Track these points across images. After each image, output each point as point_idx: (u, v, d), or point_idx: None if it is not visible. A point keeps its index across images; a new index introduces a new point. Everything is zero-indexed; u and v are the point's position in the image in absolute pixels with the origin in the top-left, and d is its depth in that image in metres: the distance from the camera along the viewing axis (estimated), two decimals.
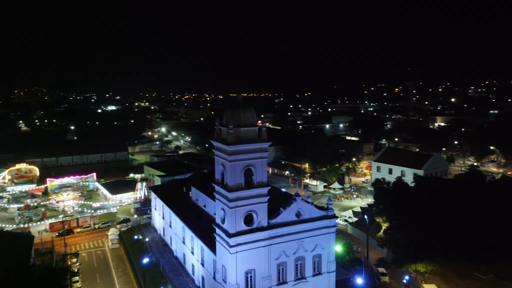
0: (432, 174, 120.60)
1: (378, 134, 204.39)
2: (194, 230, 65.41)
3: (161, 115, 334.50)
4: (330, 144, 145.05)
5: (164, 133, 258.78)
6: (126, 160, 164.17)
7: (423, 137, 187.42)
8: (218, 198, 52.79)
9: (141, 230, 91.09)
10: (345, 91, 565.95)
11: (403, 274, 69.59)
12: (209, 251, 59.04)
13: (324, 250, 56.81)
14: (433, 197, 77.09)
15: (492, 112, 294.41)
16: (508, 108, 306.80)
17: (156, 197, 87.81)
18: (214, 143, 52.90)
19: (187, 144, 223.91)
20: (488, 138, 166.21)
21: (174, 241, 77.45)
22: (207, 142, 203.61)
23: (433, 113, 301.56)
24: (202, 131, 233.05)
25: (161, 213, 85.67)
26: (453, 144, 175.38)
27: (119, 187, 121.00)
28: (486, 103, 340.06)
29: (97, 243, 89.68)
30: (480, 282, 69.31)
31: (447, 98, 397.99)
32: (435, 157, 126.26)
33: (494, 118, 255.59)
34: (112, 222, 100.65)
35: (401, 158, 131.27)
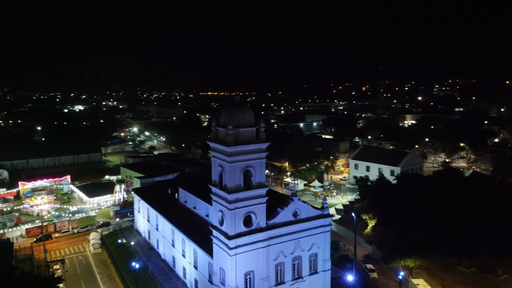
0: (408, 170, 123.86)
1: (351, 132, 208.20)
2: (185, 232, 64.19)
3: (132, 115, 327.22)
4: (308, 143, 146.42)
5: (136, 133, 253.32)
6: (100, 162, 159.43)
7: (395, 135, 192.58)
8: (216, 200, 51.96)
9: (124, 234, 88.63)
10: (315, 90, 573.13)
11: (396, 271, 71.15)
12: (204, 254, 58.14)
13: (320, 249, 57.14)
14: (416, 194, 79.33)
15: (457, 110, 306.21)
16: (472, 106, 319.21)
17: (140, 200, 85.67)
18: (211, 144, 52.02)
19: (161, 144, 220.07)
20: (456, 135, 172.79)
21: (162, 244, 75.80)
22: (183, 142, 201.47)
23: (401, 111, 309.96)
24: (176, 131, 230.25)
25: (146, 215, 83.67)
26: (424, 141, 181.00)
27: (96, 190, 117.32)
28: (451, 101, 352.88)
29: (78, 248, 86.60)
30: (463, 275, 71.67)
31: (413, 97, 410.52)
32: (411, 154, 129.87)
33: (460, 116, 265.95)
34: (91, 226, 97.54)
35: (378, 155, 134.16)
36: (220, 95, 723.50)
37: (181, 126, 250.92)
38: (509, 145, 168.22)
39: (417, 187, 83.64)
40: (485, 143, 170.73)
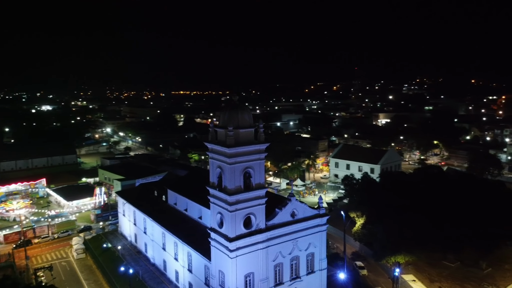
0: (387, 168, 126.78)
1: (327, 131, 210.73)
2: (178, 235, 63.06)
3: (103, 115, 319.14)
4: (289, 142, 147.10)
5: (110, 134, 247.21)
6: (75, 164, 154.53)
7: (370, 133, 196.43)
8: (214, 201, 51.25)
9: (108, 238, 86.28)
10: (288, 89, 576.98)
11: (385, 267, 72.37)
12: (199, 256, 57.31)
13: (316, 248, 57.41)
14: (402, 191, 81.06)
15: (427, 108, 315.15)
16: (441, 104, 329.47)
17: (126, 203, 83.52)
18: (210, 145, 51.28)
19: (137, 145, 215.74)
20: (430, 133, 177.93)
21: (151, 248, 74.19)
22: (160, 142, 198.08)
23: (374, 110, 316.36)
24: (152, 131, 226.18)
25: (132, 219, 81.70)
26: (399, 139, 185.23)
27: (74, 193, 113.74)
28: (421, 100, 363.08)
29: (60, 253, 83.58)
30: (449, 270, 73.72)
31: (384, 96, 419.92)
32: (390, 152, 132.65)
33: (431, 114, 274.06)
34: (72, 230, 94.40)
35: (357, 154, 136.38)
36: (192, 94, 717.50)
37: (156, 126, 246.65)
38: (481, 142, 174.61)
39: (402, 184, 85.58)
40: (457, 140, 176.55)
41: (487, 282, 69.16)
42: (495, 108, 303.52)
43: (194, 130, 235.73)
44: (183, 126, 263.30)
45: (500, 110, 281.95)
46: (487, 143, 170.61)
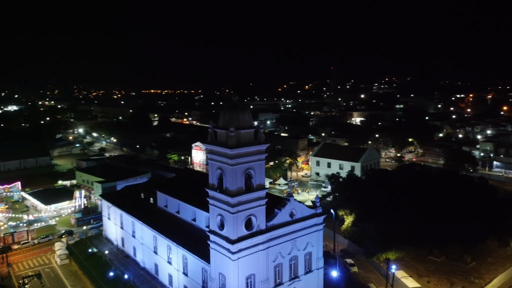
0: (367, 166, 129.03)
1: (304, 130, 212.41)
2: (172, 238, 61.85)
3: (73, 115, 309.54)
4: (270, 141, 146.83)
5: (82, 134, 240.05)
6: (49, 166, 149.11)
7: (347, 132, 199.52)
8: (214, 203, 50.46)
9: (93, 242, 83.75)
10: (261, 88, 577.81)
11: (374, 264, 73.47)
12: (196, 260, 56.41)
13: (314, 247, 57.66)
14: (389, 189, 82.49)
15: (398, 107, 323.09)
16: (411, 103, 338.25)
17: (111, 206, 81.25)
18: (209, 146, 50.45)
19: (111, 146, 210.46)
20: (404, 131, 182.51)
21: (140, 252, 72.42)
22: (135, 142, 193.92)
23: (347, 109, 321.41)
24: (126, 131, 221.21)
25: (119, 222, 79.56)
26: (375, 137, 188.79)
27: (52, 196, 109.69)
28: (392, 99, 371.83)
29: (42, 260, 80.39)
30: (435, 265, 75.70)
31: (356, 95, 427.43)
32: (370, 150, 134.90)
33: (402, 112, 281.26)
34: (52, 235, 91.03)
35: (338, 152, 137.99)
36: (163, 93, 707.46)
37: (130, 126, 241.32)
38: (453, 139, 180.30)
39: (387, 181, 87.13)
40: (431, 137, 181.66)
41: (473, 275, 71.40)
42: (463, 106, 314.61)
43: (170, 130, 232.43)
44: (158, 126, 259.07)
45: (469, 108, 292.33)
46: (460, 140, 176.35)
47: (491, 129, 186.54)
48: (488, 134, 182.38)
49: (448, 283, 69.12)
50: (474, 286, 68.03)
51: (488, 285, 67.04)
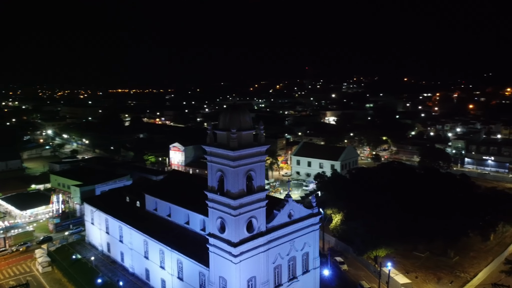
0: (346, 164, 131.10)
1: (280, 129, 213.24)
2: (165, 242, 60.50)
3: (40, 115, 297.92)
4: None
5: (52, 136, 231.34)
6: (20, 169, 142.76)
7: (322, 131, 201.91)
8: (214, 206, 49.63)
9: (76, 249, 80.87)
10: (232, 87, 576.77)
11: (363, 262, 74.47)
12: (192, 263, 55.49)
13: (310, 247, 57.89)
14: (374, 186, 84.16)
15: (368, 106, 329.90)
16: (380, 102, 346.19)
17: (96, 210, 78.64)
18: (208, 148, 49.51)
19: (83, 148, 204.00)
20: (377, 129, 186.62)
21: (129, 257, 70.43)
22: (109, 144, 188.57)
23: (320, 108, 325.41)
24: (97, 132, 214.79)
25: (104, 227, 77.11)
26: (349, 136, 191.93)
27: (27, 201, 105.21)
28: (362, 98, 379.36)
29: (23, 268, 76.87)
30: (421, 260, 77.55)
31: (327, 94, 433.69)
32: (348, 149, 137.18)
33: (373, 111, 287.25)
34: (30, 242, 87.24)
35: (318, 151, 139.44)
36: (132, 92, 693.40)
37: (101, 126, 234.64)
38: (425, 137, 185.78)
39: (372, 180, 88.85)
40: (404, 136, 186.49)
41: (458, 270, 73.60)
42: (431, 104, 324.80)
43: (143, 130, 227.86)
44: (130, 126, 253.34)
45: (436, 107, 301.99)
46: (431, 138, 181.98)
47: (461, 127, 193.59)
48: (458, 132, 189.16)
49: (435, 278, 70.96)
50: (460, 279, 70.11)
51: (474, 278, 69.21)
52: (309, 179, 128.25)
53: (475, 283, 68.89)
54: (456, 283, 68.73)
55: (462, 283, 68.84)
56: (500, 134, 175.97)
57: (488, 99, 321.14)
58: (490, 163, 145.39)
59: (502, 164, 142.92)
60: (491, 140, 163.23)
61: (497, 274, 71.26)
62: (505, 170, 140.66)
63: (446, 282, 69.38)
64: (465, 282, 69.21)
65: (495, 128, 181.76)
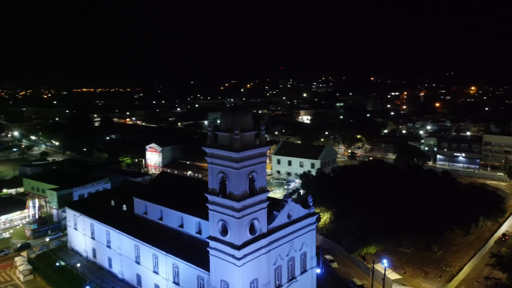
0: (326, 162, 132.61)
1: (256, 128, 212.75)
2: (159, 247, 59.01)
3: (4, 116, 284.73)
4: None
5: (18, 138, 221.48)
6: None
7: (298, 130, 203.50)
8: (215, 209, 48.73)
9: (58, 255, 77.61)
10: (202, 86, 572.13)
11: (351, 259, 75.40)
12: (190, 267, 54.43)
13: (308, 247, 58.07)
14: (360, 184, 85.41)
15: (338, 105, 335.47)
16: (350, 101, 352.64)
17: (80, 215, 75.74)
18: (209, 150, 48.59)
19: (52, 150, 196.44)
20: (351, 127, 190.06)
21: (118, 263, 68.27)
22: (81, 145, 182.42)
23: (293, 107, 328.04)
24: (67, 133, 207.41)
25: (89, 232, 74.43)
26: (324, 135, 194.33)
27: (0, 207, 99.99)
28: (332, 97, 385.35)
29: (2, 276, 73.26)
30: (406, 256, 79.39)
31: (298, 93, 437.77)
32: (328, 148, 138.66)
33: (344, 110, 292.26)
34: (7, 249, 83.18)
35: (298, 150, 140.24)
36: (98, 91, 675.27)
37: (70, 127, 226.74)
38: (397, 135, 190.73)
39: (357, 178, 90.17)
40: (377, 134, 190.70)
41: (443, 264, 75.84)
42: (399, 103, 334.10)
43: (114, 131, 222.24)
44: (101, 127, 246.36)
45: (404, 105, 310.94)
46: (404, 136, 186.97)
47: (431, 125, 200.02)
48: (428, 129, 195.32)
49: (422, 273, 72.81)
50: (446, 274, 72.23)
51: (460, 272, 71.41)
52: (290, 178, 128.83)
53: (461, 277, 71.07)
54: (442, 277, 70.70)
55: (449, 277, 70.94)
56: (469, 131, 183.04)
57: (453, 97, 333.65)
58: (461, 159, 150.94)
59: (472, 160, 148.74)
60: (461, 137, 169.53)
61: (481, 267, 73.95)
62: (476, 166, 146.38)
63: (433, 276, 71.35)
64: (451, 276, 71.31)
65: (464, 125, 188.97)
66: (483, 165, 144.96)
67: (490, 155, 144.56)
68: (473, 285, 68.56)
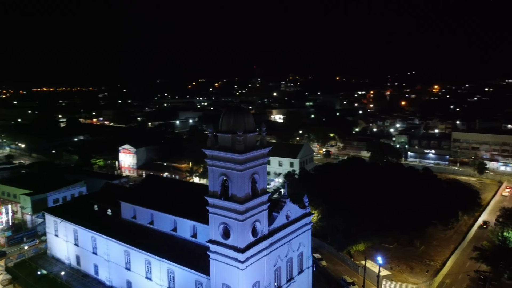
0: (304, 161, 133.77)
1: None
2: (152, 252, 57.36)
3: None
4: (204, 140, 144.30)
5: None
6: None
7: (272, 129, 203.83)
8: (216, 212, 47.81)
9: (38, 263, 74.04)
10: (169, 85, 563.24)
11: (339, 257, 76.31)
12: (187, 272, 53.28)
13: (305, 247, 58.15)
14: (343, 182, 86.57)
15: (308, 104, 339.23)
16: (319, 100, 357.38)
17: (62, 221, 72.45)
18: (210, 152, 47.56)
19: (17, 152, 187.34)
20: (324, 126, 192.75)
21: (105, 269, 65.80)
22: (48, 147, 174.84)
23: (264, 106, 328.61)
24: (32, 135, 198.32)
25: (71, 239, 71.41)
26: (298, 133, 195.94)
27: None
28: (301, 96, 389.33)
29: None
30: (391, 251, 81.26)
31: (268, 93, 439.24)
32: (305, 146, 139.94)
33: (314, 109, 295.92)
34: None
35: (276, 149, 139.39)
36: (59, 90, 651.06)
37: (34, 129, 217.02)
38: (368, 133, 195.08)
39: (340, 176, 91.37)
40: (349, 132, 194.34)
41: (426, 258, 78.14)
42: (366, 102, 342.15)
43: (82, 132, 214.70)
44: (67, 128, 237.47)
45: (371, 104, 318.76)
46: (374, 134, 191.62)
47: (400, 123, 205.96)
48: (398, 127, 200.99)
49: (408, 268, 74.67)
50: (430, 268, 74.36)
51: (444, 266, 73.67)
52: (269, 177, 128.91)
53: (445, 270, 73.33)
54: (429, 271, 72.72)
55: (433, 271, 73.09)
56: (437, 128, 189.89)
57: (418, 96, 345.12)
58: (431, 156, 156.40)
59: (442, 157, 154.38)
60: (430, 135, 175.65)
61: (463, 260, 76.78)
62: (445, 162, 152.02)
63: (419, 271, 73.31)
64: (436, 270, 73.56)
65: (432, 123, 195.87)
66: (452, 161, 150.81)
67: (459, 152, 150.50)
68: (458, 278, 70.98)
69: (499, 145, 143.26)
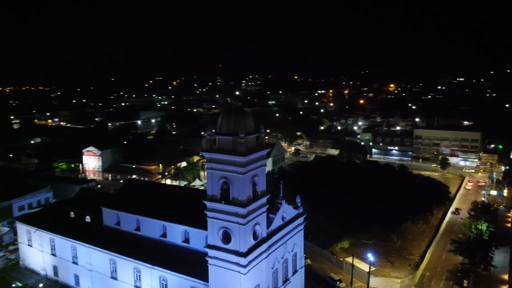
0: (277, 160, 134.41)
1: (196, 127, 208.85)
2: (143, 259, 55.27)
3: None
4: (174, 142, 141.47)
5: None
6: None
7: None
8: (215, 216, 46.69)
9: (11, 276, 69.38)
10: (125, 84, 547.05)
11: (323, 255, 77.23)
12: (182, 279, 51.88)
13: (298, 247, 58.26)
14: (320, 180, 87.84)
15: (270, 103, 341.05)
16: (281, 99, 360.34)
17: (35, 230, 68.17)
18: (209, 155, 46.27)
19: None
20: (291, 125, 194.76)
21: (88, 279, 62.68)
22: (4, 150, 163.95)
23: (228, 105, 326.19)
24: None
25: (48, 248, 67.46)
26: (266, 132, 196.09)
27: None
28: (263, 95, 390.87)
29: None
30: (369, 247, 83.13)
31: (229, 91, 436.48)
32: (278, 145, 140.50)
33: (277, 107, 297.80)
34: None
35: None
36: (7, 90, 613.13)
37: None
38: (333, 131, 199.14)
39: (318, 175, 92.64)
40: (315, 130, 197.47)
41: (404, 253, 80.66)
42: (326, 101, 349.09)
43: (39, 134, 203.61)
44: (21, 130, 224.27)
45: (331, 102, 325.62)
46: (340, 132, 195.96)
47: (362, 121, 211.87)
48: (360, 125, 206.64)
49: (388, 263, 76.76)
50: (410, 261, 76.84)
51: (423, 260, 76.25)
52: None
53: (425, 263, 75.98)
54: (409, 265, 75.09)
55: (413, 264, 75.57)
56: (398, 126, 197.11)
57: (375, 94, 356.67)
58: (395, 152, 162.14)
59: (405, 153, 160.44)
60: (392, 132, 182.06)
61: (439, 253, 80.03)
62: (408, 158, 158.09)
63: (399, 265, 75.49)
64: (415, 263, 76.10)
65: (393, 120, 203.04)
66: (414, 157, 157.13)
67: (421, 148, 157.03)
68: (437, 271, 73.85)
69: (458, 141, 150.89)
